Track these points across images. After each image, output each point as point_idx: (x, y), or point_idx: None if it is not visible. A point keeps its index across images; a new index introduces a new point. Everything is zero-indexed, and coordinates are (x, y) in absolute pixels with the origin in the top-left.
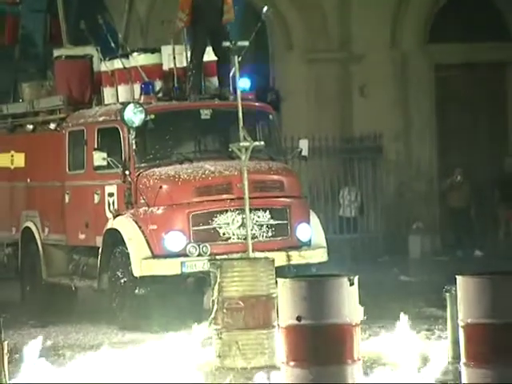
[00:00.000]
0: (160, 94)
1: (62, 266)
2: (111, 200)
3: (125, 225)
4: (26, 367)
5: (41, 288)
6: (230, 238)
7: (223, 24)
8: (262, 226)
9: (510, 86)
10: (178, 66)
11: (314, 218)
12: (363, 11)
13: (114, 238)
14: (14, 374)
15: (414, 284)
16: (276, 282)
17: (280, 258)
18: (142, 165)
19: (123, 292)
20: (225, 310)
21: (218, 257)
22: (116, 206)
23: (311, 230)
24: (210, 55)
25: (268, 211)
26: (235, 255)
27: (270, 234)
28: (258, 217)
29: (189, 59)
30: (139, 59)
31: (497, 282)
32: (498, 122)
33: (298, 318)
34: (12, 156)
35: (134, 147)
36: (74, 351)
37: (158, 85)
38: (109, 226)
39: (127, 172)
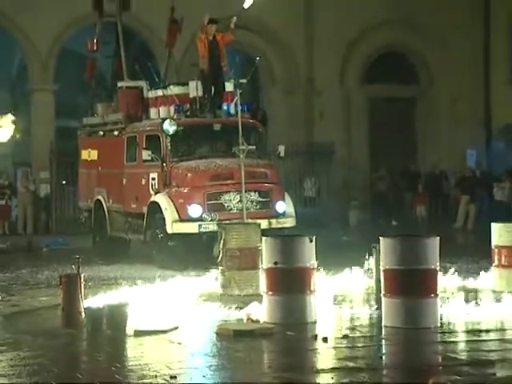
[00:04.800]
0: (187, 113)
1: (120, 225)
2: (153, 182)
3: (162, 199)
4: (97, 292)
5: (106, 239)
6: (231, 209)
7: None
8: (252, 202)
9: (418, 114)
10: (199, 95)
11: (287, 197)
12: (321, 62)
13: (155, 208)
14: (88, 296)
15: (352, 242)
16: (261, 239)
17: (264, 224)
18: (174, 159)
19: (160, 243)
20: (227, 257)
21: (223, 222)
22: (156, 187)
23: (285, 205)
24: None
25: (257, 192)
26: (235, 221)
27: (258, 207)
28: (251, 196)
29: (203, 92)
30: (174, 90)
31: (405, 241)
32: (409, 139)
33: (275, 263)
34: (89, 152)
35: (169, 148)
36: (128, 281)
37: (186, 107)
38: (151, 199)
39: (164, 164)
